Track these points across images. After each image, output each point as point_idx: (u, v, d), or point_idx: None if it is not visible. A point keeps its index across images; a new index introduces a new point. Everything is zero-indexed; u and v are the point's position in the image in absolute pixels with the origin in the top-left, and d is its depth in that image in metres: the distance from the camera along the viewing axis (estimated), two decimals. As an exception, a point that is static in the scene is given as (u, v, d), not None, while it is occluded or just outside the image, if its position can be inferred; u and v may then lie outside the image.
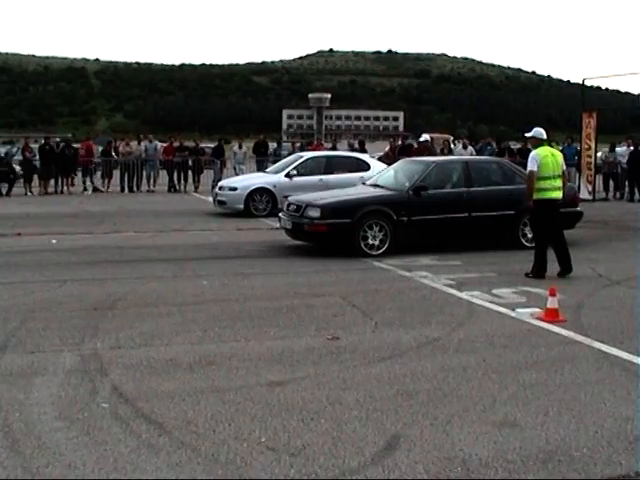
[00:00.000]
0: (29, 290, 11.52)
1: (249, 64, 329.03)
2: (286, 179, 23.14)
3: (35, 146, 34.79)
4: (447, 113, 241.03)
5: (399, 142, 34.59)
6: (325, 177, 22.83)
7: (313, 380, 7.29)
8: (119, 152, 34.54)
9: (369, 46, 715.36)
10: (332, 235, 15.08)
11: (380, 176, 17.89)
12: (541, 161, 12.81)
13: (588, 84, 35.24)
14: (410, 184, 15.78)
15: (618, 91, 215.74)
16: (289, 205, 16.23)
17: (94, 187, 32.98)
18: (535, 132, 13.36)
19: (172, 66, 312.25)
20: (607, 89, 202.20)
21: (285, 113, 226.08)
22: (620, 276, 13.07)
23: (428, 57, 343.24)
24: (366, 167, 23.63)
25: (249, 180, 24.57)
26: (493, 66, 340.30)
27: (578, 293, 11.52)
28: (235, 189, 23.41)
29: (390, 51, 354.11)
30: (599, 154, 32.32)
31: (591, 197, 29.22)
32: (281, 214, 16.64)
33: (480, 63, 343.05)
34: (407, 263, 14.13)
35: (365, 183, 17.92)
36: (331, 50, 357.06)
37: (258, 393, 6.89)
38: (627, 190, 31.51)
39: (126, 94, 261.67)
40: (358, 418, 6.30)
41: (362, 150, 32.57)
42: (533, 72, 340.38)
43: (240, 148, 34.44)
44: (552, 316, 9.72)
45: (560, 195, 13.03)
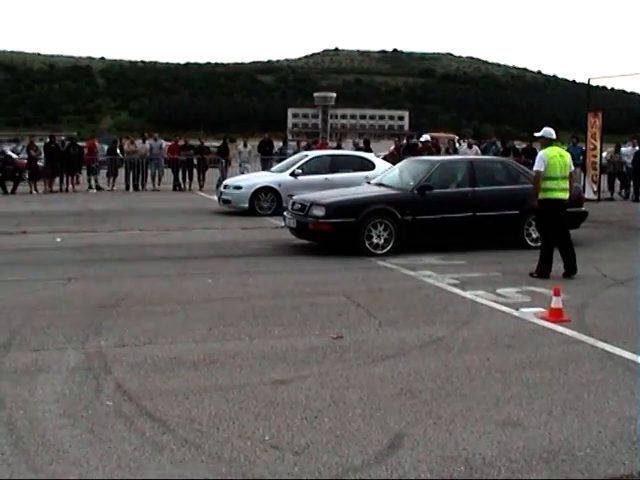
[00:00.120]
0: (33, 288, 11.54)
1: (254, 63, 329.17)
2: (291, 178, 23.14)
3: (40, 144, 34.86)
4: (452, 112, 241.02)
5: (404, 141, 34.58)
6: (330, 176, 22.80)
7: (317, 379, 7.30)
8: (124, 150, 34.57)
9: (374, 45, 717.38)
10: (337, 234, 15.08)
11: (385, 175, 17.89)
12: (548, 161, 12.80)
13: (594, 84, 35.36)
14: (415, 183, 15.78)
15: (624, 91, 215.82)
16: (294, 204, 16.23)
17: (97, 186, 32.94)
18: (545, 132, 13.35)
19: (177, 65, 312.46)
20: (612, 89, 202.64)
21: (290, 112, 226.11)
22: (624, 276, 13.06)
23: (433, 56, 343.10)
24: (371, 166, 23.64)
25: (254, 179, 24.60)
26: (499, 66, 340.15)
27: (582, 293, 11.52)
28: (240, 188, 23.42)
29: (395, 50, 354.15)
30: (604, 154, 32.28)
31: (596, 197, 29.21)
32: (286, 213, 16.65)
33: (485, 62, 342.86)
34: (411, 262, 14.13)
35: (370, 182, 17.92)
36: (336, 49, 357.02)
37: (262, 391, 6.90)
38: (632, 190, 31.51)
39: (131, 92, 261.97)
40: (362, 417, 6.30)
41: (367, 149, 32.55)
42: (539, 72, 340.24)
43: (245, 147, 34.47)
44: (556, 316, 9.71)
45: (566, 196, 13.01)
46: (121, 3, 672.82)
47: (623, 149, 33.89)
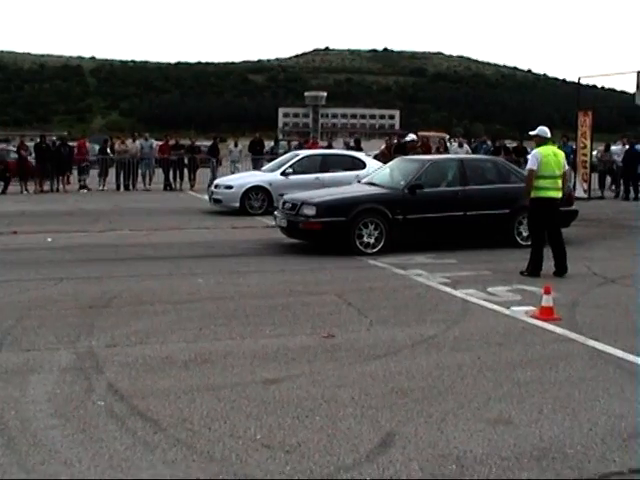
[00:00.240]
0: (24, 288, 11.52)
1: (245, 62, 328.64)
2: (282, 177, 23.14)
3: (31, 144, 34.78)
4: (443, 111, 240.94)
5: (395, 140, 34.58)
6: (321, 175, 22.80)
7: (308, 378, 7.31)
8: (115, 150, 34.51)
9: (365, 44, 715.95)
10: (327, 233, 15.09)
11: (376, 174, 17.90)
12: (542, 160, 12.81)
13: (583, 83, 35.46)
14: (405, 182, 15.79)
15: (613, 90, 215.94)
16: (284, 203, 16.23)
17: (84, 185, 32.70)
18: (539, 130, 13.38)
19: (168, 64, 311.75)
20: (602, 88, 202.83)
21: (281, 111, 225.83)
22: (615, 274, 13.10)
23: (424, 55, 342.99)
24: (362, 165, 23.63)
25: (245, 178, 24.57)
26: (489, 64, 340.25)
27: (573, 291, 11.54)
28: (231, 187, 23.41)
29: (386, 49, 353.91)
30: (594, 153, 32.37)
31: (586, 195, 29.29)
32: (276, 212, 16.66)
33: (476, 62, 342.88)
34: (402, 261, 14.14)
35: (361, 181, 17.91)
36: (327, 48, 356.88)
37: (253, 391, 6.91)
38: (622, 189, 31.58)
39: (122, 92, 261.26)
40: (353, 415, 6.31)
41: (358, 148, 32.55)
42: (529, 71, 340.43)
43: (236, 146, 34.44)
44: (547, 314, 9.74)
45: (559, 195, 13.02)
46: (112, 2, 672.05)
47: (613, 147, 34.01)
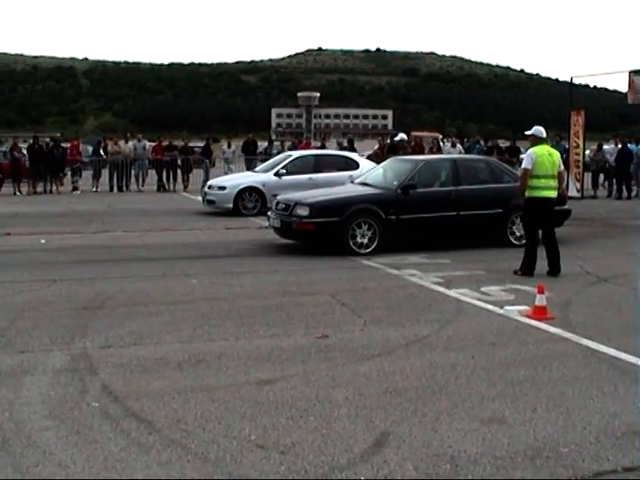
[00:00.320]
0: (18, 290, 11.51)
1: (238, 63, 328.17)
2: (275, 178, 23.14)
3: (24, 145, 34.74)
4: (436, 111, 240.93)
5: (388, 140, 34.57)
6: (314, 176, 22.81)
7: (302, 378, 7.31)
8: (108, 151, 34.48)
9: (358, 45, 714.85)
10: (321, 233, 15.10)
11: (369, 175, 17.91)
12: (536, 159, 12.82)
13: (576, 82, 35.59)
14: (398, 183, 15.80)
15: (606, 89, 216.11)
16: (278, 204, 16.23)
17: (76, 187, 32.72)
18: (535, 130, 13.40)
19: (161, 65, 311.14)
20: (595, 87, 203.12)
21: (274, 112, 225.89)
22: (608, 273, 13.13)
23: (417, 55, 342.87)
24: (355, 166, 23.64)
25: (238, 179, 24.58)
26: (482, 64, 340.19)
27: (566, 290, 11.57)
28: (224, 188, 23.40)
29: (379, 49, 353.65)
30: (587, 152, 32.43)
31: (579, 195, 29.34)
32: (270, 213, 16.66)
33: (469, 61, 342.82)
34: (396, 261, 14.16)
35: (354, 182, 17.94)
36: (320, 49, 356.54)
37: (247, 391, 6.91)
38: (615, 188, 31.65)
39: (115, 93, 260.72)
40: (347, 416, 6.32)
41: (351, 149, 32.55)
42: (522, 70, 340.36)
43: (229, 147, 34.43)
44: (540, 313, 9.75)
45: (554, 194, 13.02)
46: (104, 4, 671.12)
47: (605, 147, 34.07)
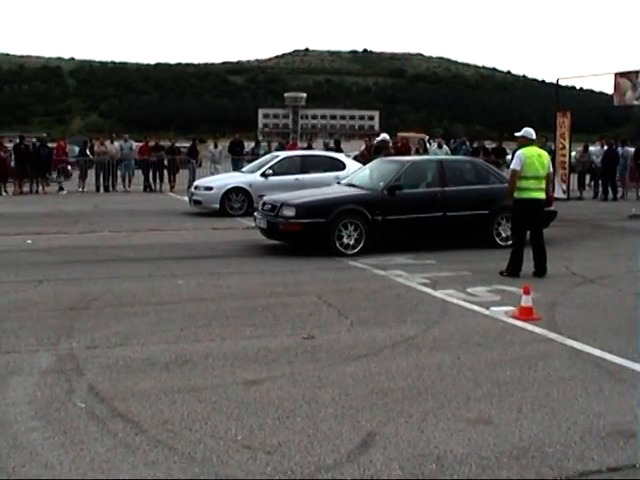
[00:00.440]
0: (4, 290, 11.48)
1: (225, 63, 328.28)
2: (262, 178, 23.11)
3: (10, 145, 34.63)
4: (422, 112, 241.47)
5: (374, 141, 34.57)
6: (301, 176, 22.80)
7: (289, 379, 7.32)
8: (94, 152, 34.41)
9: (345, 45, 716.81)
10: (307, 234, 15.10)
11: (355, 175, 17.93)
12: (525, 160, 12.84)
13: (562, 84, 35.71)
14: (385, 184, 15.81)
15: (592, 91, 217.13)
16: (264, 204, 16.22)
17: (61, 187, 32.66)
18: (525, 132, 13.44)
19: (147, 65, 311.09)
20: (581, 89, 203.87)
21: (261, 112, 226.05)
22: (593, 274, 13.18)
23: (404, 56, 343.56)
24: (341, 166, 23.66)
25: (225, 179, 24.55)
26: (468, 66, 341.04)
27: (552, 291, 11.60)
28: (211, 189, 23.38)
29: (366, 50, 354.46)
30: (573, 153, 32.51)
31: (565, 196, 29.41)
32: (256, 213, 16.63)
33: (455, 63, 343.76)
34: (382, 262, 14.17)
35: (340, 182, 17.95)
36: (307, 49, 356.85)
37: (234, 392, 6.92)
38: (601, 189, 31.75)
39: (101, 93, 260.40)
40: (333, 416, 6.33)
41: (337, 149, 32.55)
42: (508, 72, 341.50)
43: (216, 147, 34.39)
44: (526, 314, 9.78)
45: (542, 196, 13.04)
46: (91, 3, 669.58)
47: (592, 148, 34.17)
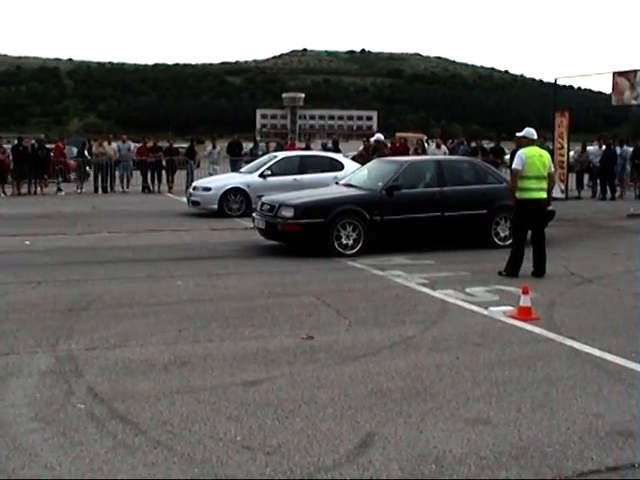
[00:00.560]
0: (3, 292, 11.46)
1: (223, 64, 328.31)
2: (260, 179, 23.10)
3: (8, 146, 34.60)
4: (420, 112, 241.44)
5: (370, 141, 34.54)
6: (299, 177, 22.80)
7: (288, 379, 7.32)
8: (92, 153, 34.40)
9: (342, 45, 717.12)
10: (305, 235, 15.10)
11: (353, 176, 17.92)
12: (527, 160, 12.83)
13: (560, 83, 35.70)
14: (383, 184, 15.81)
15: (590, 90, 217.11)
16: (263, 205, 16.22)
17: (59, 188, 32.66)
18: (526, 132, 13.44)
19: (145, 66, 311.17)
20: (579, 88, 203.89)
21: (259, 113, 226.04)
22: (592, 274, 13.18)
23: (401, 56, 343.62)
24: (340, 167, 23.65)
25: (223, 180, 24.54)
26: (466, 65, 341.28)
27: (550, 291, 11.61)
28: (209, 189, 23.36)
29: (363, 50, 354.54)
30: (571, 153, 32.51)
31: (564, 196, 29.40)
32: (254, 214, 16.63)
33: (453, 62, 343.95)
34: (381, 262, 14.17)
35: (339, 183, 17.95)
36: (305, 50, 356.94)
37: (233, 393, 6.92)
38: (599, 189, 31.76)
39: (99, 94, 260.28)
40: (333, 416, 6.33)
41: (336, 150, 32.56)
42: (506, 71, 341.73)
43: (214, 148, 34.38)
44: (525, 314, 9.79)
45: (544, 195, 13.03)
46: (88, 4, 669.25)
47: (590, 148, 34.16)
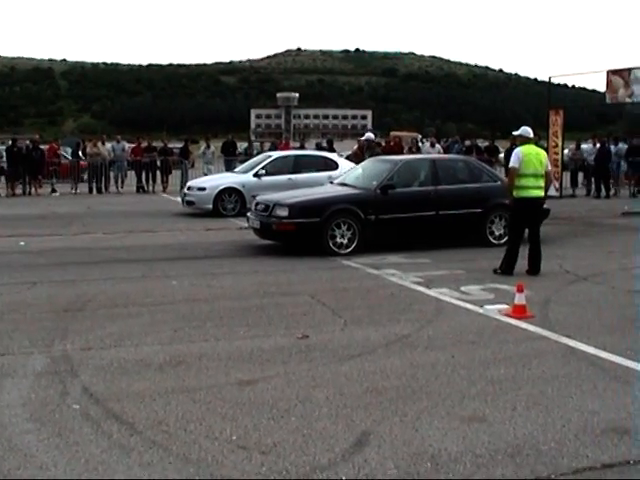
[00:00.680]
0: (-3, 292, 11.47)
1: (217, 64, 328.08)
2: (255, 179, 23.08)
3: (2, 147, 34.56)
4: (415, 111, 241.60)
5: (361, 139, 34.52)
6: (293, 176, 22.79)
7: (283, 378, 7.32)
8: (87, 153, 34.37)
9: (337, 45, 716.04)
10: (300, 234, 15.10)
11: (348, 175, 17.93)
12: (524, 158, 12.85)
13: (555, 82, 35.66)
14: (377, 183, 15.82)
15: (584, 89, 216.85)
16: (257, 204, 16.21)
17: (53, 189, 32.61)
18: (522, 131, 13.47)
19: (139, 66, 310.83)
20: (573, 87, 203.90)
21: (253, 113, 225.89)
22: (586, 272, 13.20)
23: (396, 55, 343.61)
24: (334, 166, 23.64)
25: (218, 180, 24.51)
26: (461, 64, 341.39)
27: (545, 289, 11.62)
28: (204, 189, 23.35)
29: (358, 50, 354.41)
30: (566, 151, 32.55)
31: (558, 194, 29.43)
32: (249, 214, 16.62)
33: (448, 61, 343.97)
34: (375, 261, 14.18)
35: (333, 182, 17.94)
36: (299, 49, 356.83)
37: (228, 392, 6.92)
38: (593, 187, 31.79)
39: (93, 94, 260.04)
40: (328, 415, 6.33)
41: (330, 149, 32.54)
42: (500, 70, 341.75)
43: (208, 148, 34.37)
44: (520, 312, 9.80)
45: (541, 194, 13.07)
46: (82, 4, 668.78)
47: (584, 146, 34.21)
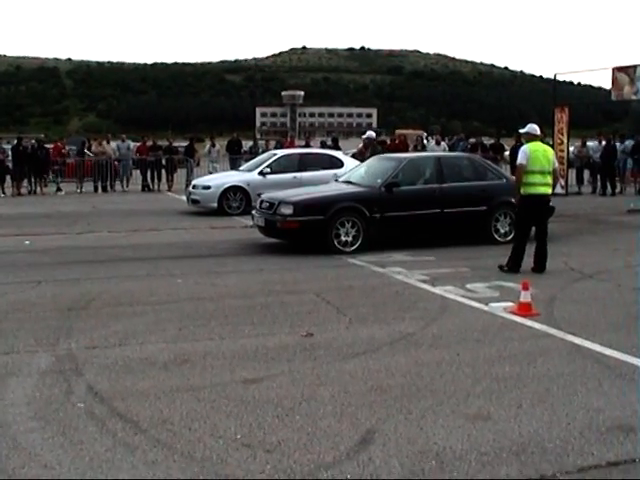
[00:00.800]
0: (2, 291, 11.46)
1: (222, 62, 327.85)
2: (259, 177, 23.08)
3: (7, 147, 34.58)
4: (420, 109, 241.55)
5: (362, 138, 34.47)
6: (299, 174, 22.79)
7: (288, 377, 7.32)
8: (92, 152, 34.39)
9: (342, 43, 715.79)
10: (305, 232, 15.09)
11: (353, 173, 17.92)
12: (531, 155, 12.83)
13: (560, 79, 35.55)
14: (382, 181, 15.81)
15: (590, 86, 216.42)
16: (262, 202, 16.20)
17: (58, 188, 32.65)
18: (529, 128, 13.44)
19: (144, 65, 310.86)
20: (579, 84, 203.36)
21: (258, 111, 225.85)
22: (592, 269, 13.18)
23: (401, 53, 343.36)
24: (339, 164, 23.59)
25: (222, 178, 24.52)
26: (466, 62, 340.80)
27: (551, 287, 11.60)
28: (209, 187, 23.36)
29: (363, 48, 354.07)
30: (571, 149, 32.49)
31: (564, 191, 29.38)
32: (254, 212, 16.62)
33: (453, 59, 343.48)
34: (380, 259, 14.17)
35: (338, 180, 17.93)
36: (304, 47, 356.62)
37: (233, 390, 6.91)
38: (599, 184, 31.74)
39: (99, 93, 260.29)
40: (333, 414, 6.33)
41: (335, 147, 32.52)
42: (506, 68, 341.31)
43: (214, 146, 34.37)
44: (525, 310, 9.79)
45: (548, 191, 13.05)
46: (87, 3, 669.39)
47: (590, 143, 34.11)
